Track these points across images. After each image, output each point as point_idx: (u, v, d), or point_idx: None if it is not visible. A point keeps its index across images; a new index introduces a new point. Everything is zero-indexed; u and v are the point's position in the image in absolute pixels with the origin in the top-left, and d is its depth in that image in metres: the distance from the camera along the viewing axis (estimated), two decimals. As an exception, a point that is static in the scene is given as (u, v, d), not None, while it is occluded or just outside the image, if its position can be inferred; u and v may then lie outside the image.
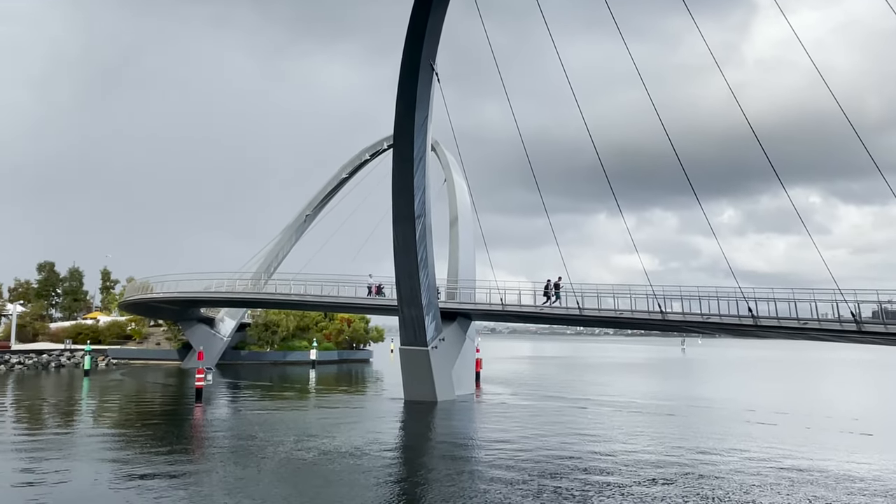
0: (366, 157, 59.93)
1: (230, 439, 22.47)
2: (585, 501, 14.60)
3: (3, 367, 51.99)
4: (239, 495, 14.72)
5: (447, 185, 46.76)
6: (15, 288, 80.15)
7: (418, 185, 31.44)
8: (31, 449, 20.54)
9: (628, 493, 15.47)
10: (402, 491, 15.73)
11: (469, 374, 40.92)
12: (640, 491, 15.66)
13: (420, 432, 26.26)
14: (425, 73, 30.21)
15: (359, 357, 73.26)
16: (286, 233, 60.57)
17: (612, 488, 15.89)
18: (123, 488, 15.41)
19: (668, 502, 14.66)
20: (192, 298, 52.47)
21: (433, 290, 34.69)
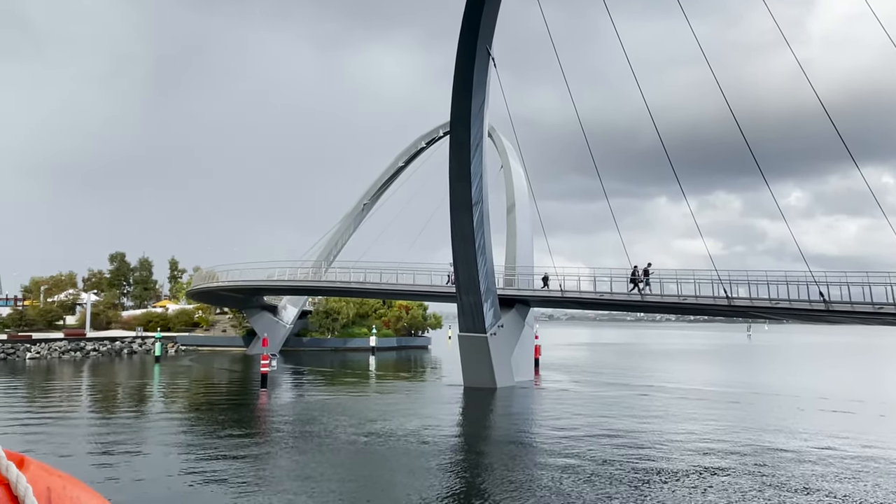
0: (422, 145, 60.02)
1: (294, 424, 22.97)
2: (640, 489, 14.36)
3: (80, 353, 54.46)
4: (303, 478, 15.03)
5: (504, 171, 46.41)
6: (89, 278, 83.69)
7: (475, 172, 31.32)
8: (107, 432, 21.45)
9: (687, 482, 15.13)
10: (460, 475, 15.79)
11: (528, 361, 40.73)
12: (699, 480, 15.29)
13: (479, 418, 26.31)
14: (481, 59, 29.98)
15: (417, 344, 73.84)
16: (345, 221, 61.33)
17: (669, 476, 15.57)
18: (193, 470, 15.93)
19: (729, 492, 14.27)
20: (255, 287, 53.78)
21: (491, 277, 34.59)
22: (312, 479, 15.03)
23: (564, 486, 14.51)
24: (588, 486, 14.51)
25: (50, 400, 29.35)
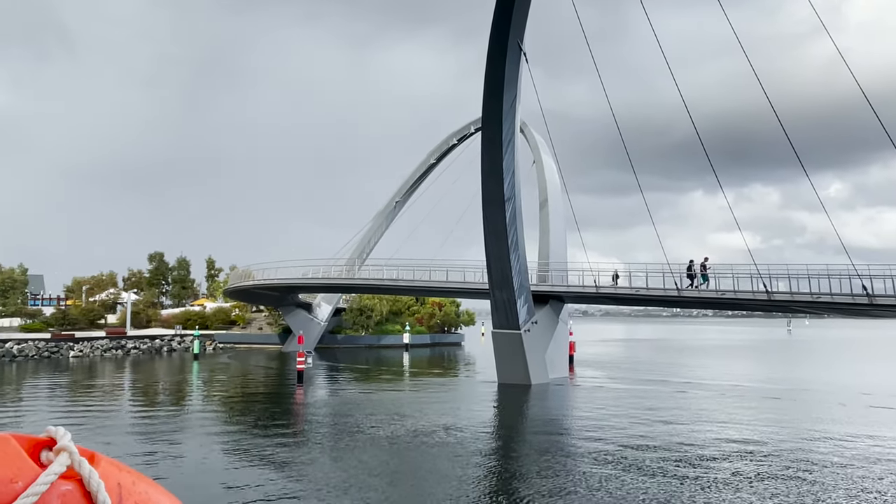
0: (453, 142, 59.99)
1: (330, 419, 23.18)
2: (680, 489, 14.16)
3: (121, 351, 55.69)
4: (339, 472, 15.16)
5: (536, 166, 46.19)
6: (129, 277, 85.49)
7: (507, 168, 31.20)
8: (149, 426, 21.90)
9: (728, 481, 14.88)
10: (495, 472, 15.77)
11: (563, 357, 40.50)
12: (740, 478, 15.04)
13: (514, 414, 26.24)
14: (513, 54, 29.84)
15: (450, 340, 73.92)
16: (377, 219, 61.64)
17: (710, 476, 15.33)
18: (231, 464, 16.18)
19: (771, 492, 14.01)
20: (290, 284, 54.38)
21: (524, 273, 34.45)
22: (348, 472, 15.15)
23: (601, 484, 14.40)
24: (626, 485, 14.37)
25: (93, 397, 30.06)
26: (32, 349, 50.51)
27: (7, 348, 49.04)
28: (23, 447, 1.12)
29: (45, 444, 1.15)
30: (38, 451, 1.13)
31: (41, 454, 1.13)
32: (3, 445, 1.10)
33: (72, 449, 1.13)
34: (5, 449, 1.09)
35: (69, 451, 1.12)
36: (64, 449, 1.13)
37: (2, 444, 1.10)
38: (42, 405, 27.37)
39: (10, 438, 1.11)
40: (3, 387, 33.81)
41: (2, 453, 1.08)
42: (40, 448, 1.14)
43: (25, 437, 1.14)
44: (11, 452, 1.09)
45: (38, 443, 1.15)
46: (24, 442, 1.13)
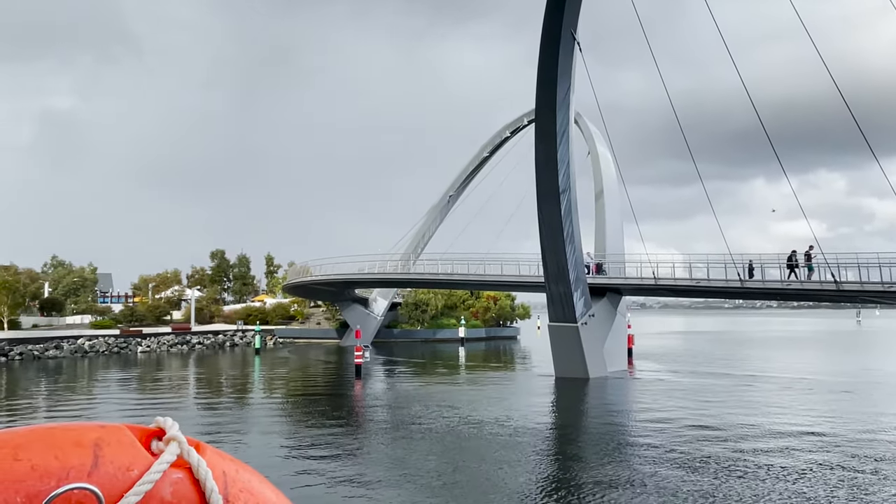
0: (506, 135, 59.67)
1: (388, 412, 23.43)
2: (748, 486, 13.77)
3: (186, 347, 57.50)
4: (397, 465, 15.31)
5: (591, 157, 45.56)
6: (192, 275, 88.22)
7: (562, 160, 30.87)
8: (215, 418, 22.55)
9: (798, 478, 14.41)
10: (554, 465, 15.66)
11: (621, 351, 39.92)
12: (811, 474, 14.53)
13: (572, 407, 26.01)
14: (566, 44, 29.46)
15: (506, 334, 73.76)
16: (431, 214, 61.88)
17: (780, 472, 14.86)
18: (294, 457, 16.52)
19: (846, 489, 13.50)
20: (346, 280, 55.15)
21: (581, 266, 34.08)
22: (406, 465, 15.29)
23: (663, 480, 14.14)
24: (690, 481, 14.08)
25: (162, 390, 31.14)
26: (103, 345, 52.61)
27: (79, 344, 51.21)
28: (135, 437, 1.17)
29: (154, 434, 1.20)
30: (149, 441, 1.18)
31: (152, 443, 1.18)
32: (118, 435, 1.15)
33: (181, 438, 1.18)
34: (121, 438, 1.15)
35: (178, 440, 1.17)
36: (173, 438, 1.18)
37: (117, 434, 1.15)
38: (114, 398, 28.50)
39: (124, 428, 1.16)
40: (77, 381, 35.35)
41: (117, 443, 1.13)
42: (151, 438, 1.19)
43: (137, 428, 1.19)
44: (126, 442, 1.15)
45: (148, 433, 1.20)
46: (137, 432, 1.19)
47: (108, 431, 1.15)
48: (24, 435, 1.10)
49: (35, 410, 25.31)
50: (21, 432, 1.11)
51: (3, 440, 1.08)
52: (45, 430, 1.12)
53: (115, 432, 1.15)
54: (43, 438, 1.10)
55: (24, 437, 1.09)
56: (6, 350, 46.26)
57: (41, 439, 1.09)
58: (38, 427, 1.13)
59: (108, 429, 1.16)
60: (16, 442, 1.08)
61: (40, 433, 1.11)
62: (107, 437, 1.13)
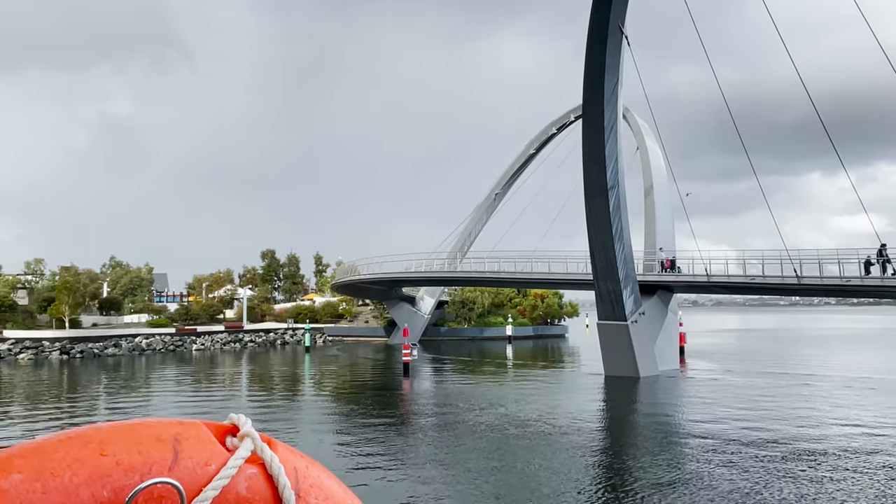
0: (553, 131, 59.18)
1: (436, 410, 23.50)
2: (810, 490, 13.36)
3: (238, 344, 58.78)
4: (444, 462, 15.34)
5: (640, 152, 44.83)
6: (244, 274, 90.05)
7: (610, 156, 30.46)
8: (267, 414, 22.98)
9: (862, 481, 13.91)
10: (603, 466, 15.46)
11: (673, 349, 39.20)
12: (874, 479, 14.01)
13: (622, 406, 25.65)
14: (614, 38, 29.05)
15: (554, 332, 73.22)
16: (477, 212, 61.81)
17: (843, 476, 14.38)
18: (344, 451, 16.71)
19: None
20: (393, 278, 55.53)
21: (630, 263, 33.59)
22: (454, 463, 15.31)
23: (716, 480, 13.83)
24: (745, 485, 13.74)
25: (216, 387, 31.89)
26: (159, 343, 54.17)
27: (137, 342, 52.83)
28: (212, 433, 1.20)
29: (229, 431, 1.24)
30: (224, 437, 1.22)
31: (227, 439, 1.22)
32: (196, 431, 1.19)
33: (254, 435, 1.20)
34: (198, 434, 1.18)
35: (252, 437, 1.20)
36: (247, 435, 1.21)
37: (195, 430, 1.19)
38: (170, 394, 29.32)
39: (201, 425, 1.20)
40: (136, 378, 36.48)
41: (195, 438, 1.17)
42: (225, 434, 1.23)
43: (213, 424, 1.23)
44: (204, 437, 1.18)
45: (223, 429, 1.24)
46: (212, 428, 1.22)
47: (187, 427, 1.19)
48: (108, 430, 1.14)
49: (95, 408, 26.22)
50: (105, 428, 1.15)
51: (89, 436, 1.12)
52: (127, 426, 1.16)
53: (193, 428, 1.19)
54: (126, 434, 1.14)
55: (108, 433, 1.13)
56: (68, 348, 48.04)
57: (124, 435, 1.13)
58: (121, 423, 1.18)
59: (187, 425, 1.20)
60: (101, 437, 1.12)
61: (123, 429, 1.15)
62: (185, 432, 1.17)
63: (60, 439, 1.11)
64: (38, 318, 55.27)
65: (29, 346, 47.21)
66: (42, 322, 54.51)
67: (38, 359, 46.01)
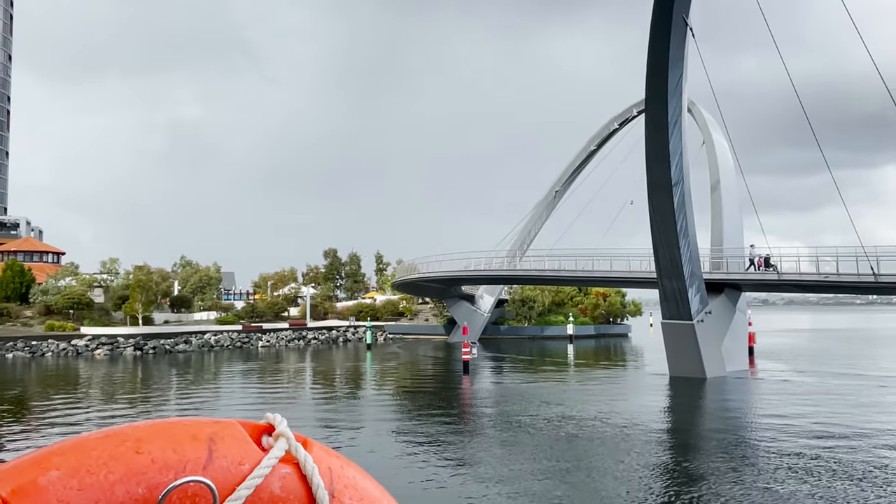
0: (614, 127, 58.13)
1: (497, 408, 23.42)
2: (883, 499, 12.69)
3: (302, 342, 60.04)
4: (506, 462, 15.24)
5: (706, 147, 43.60)
6: (307, 273, 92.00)
7: (674, 151, 29.71)
8: (330, 411, 23.38)
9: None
10: (669, 469, 15.07)
11: (741, 349, 38.00)
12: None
13: (688, 408, 25.00)
14: (678, 31, 28.29)
15: (616, 331, 72.06)
16: (537, 209, 61.33)
17: (933, 482, 13.61)
18: (404, 449, 16.81)
19: None
20: (452, 277, 55.68)
21: (696, 261, 32.71)
22: (515, 462, 15.19)
23: (791, 490, 13.29)
24: (820, 493, 13.16)
25: (282, 383, 32.64)
26: (227, 340, 55.84)
27: (206, 339, 54.59)
28: (247, 432, 1.20)
29: (265, 430, 1.24)
30: (260, 436, 1.22)
31: (262, 439, 1.22)
32: (231, 430, 1.19)
33: (289, 435, 1.20)
34: (233, 433, 1.19)
35: (286, 436, 1.20)
36: (282, 435, 1.20)
37: (230, 429, 1.19)
38: (238, 389, 30.16)
39: (236, 424, 1.20)
40: (205, 373, 37.69)
41: (230, 437, 1.18)
42: (261, 433, 1.23)
43: (248, 423, 1.23)
44: (239, 437, 1.19)
45: (259, 428, 1.24)
46: (248, 427, 1.23)
47: (222, 427, 1.20)
48: (144, 429, 1.16)
49: (167, 400, 27.21)
50: (142, 426, 1.17)
51: (126, 434, 1.14)
52: (164, 425, 1.18)
53: (229, 427, 1.20)
54: (162, 433, 1.15)
55: (144, 431, 1.15)
56: (141, 344, 50.03)
57: (161, 433, 1.15)
58: (158, 421, 1.20)
59: (222, 424, 1.21)
60: (137, 436, 1.14)
61: (160, 427, 1.17)
62: (220, 432, 1.18)
63: (98, 437, 1.14)
64: (113, 315, 57.75)
65: (105, 343, 49.39)
66: (117, 319, 56.93)
67: (113, 354, 48.07)
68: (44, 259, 73.27)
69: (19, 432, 20.32)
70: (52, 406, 24.86)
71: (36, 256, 73.06)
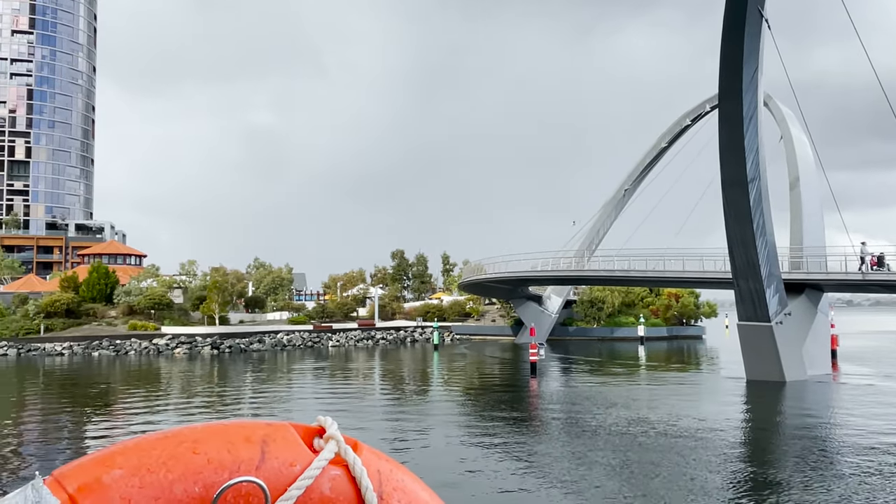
0: (687, 123, 56.64)
1: (565, 410, 23.13)
2: None
3: (371, 342, 60.93)
4: (575, 464, 15.02)
5: (784, 142, 41.93)
6: (375, 274, 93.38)
7: (750, 146, 28.69)
8: (398, 411, 23.62)
9: None
10: (746, 478, 14.50)
11: (823, 352, 36.35)
12: None
13: (766, 414, 24.05)
14: (753, 22, 27.31)
15: (690, 333, 70.13)
16: (605, 209, 60.39)
17: None
18: (472, 450, 16.81)
19: None
20: (519, 277, 55.42)
21: (774, 260, 31.50)
22: (583, 464, 14.96)
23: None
24: (912, 500, 12.43)
25: (351, 383, 33.22)
26: (298, 339, 57.23)
27: (278, 339, 56.12)
28: (298, 434, 1.23)
29: (316, 433, 1.27)
30: (311, 438, 1.24)
31: (313, 441, 1.24)
32: (283, 433, 1.23)
33: (339, 437, 1.22)
34: (285, 436, 1.22)
35: (336, 439, 1.22)
36: (332, 437, 1.23)
37: (283, 432, 1.23)
38: (309, 388, 30.85)
39: (288, 426, 1.24)
40: (278, 372, 38.73)
41: (282, 440, 1.21)
42: (312, 435, 1.26)
43: (300, 426, 1.27)
44: (290, 439, 1.22)
45: (311, 431, 1.27)
46: (300, 430, 1.26)
47: (275, 429, 1.24)
48: (201, 430, 1.21)
49: (242, 397, 28.11)
50: (198, 428, 1.22)
51: (184, 435, 1.20)
52: (220, 427, 1.23)
53: (281, 430, 1.24)
54: (218, 434, 1.20)
55: (201, 433, 1.20)
56: (218, 343, 51.83)
57: (216, 435, 1.20)
58: (214, 424, 1.24)
59: (275, 426, 1.25)
60: (194, 437, 1.19)
61: (216, 429, 1.22)
62: (273, 434, 1.22)
63: (158, 437, 1.19)
64: (191, 315, 60.08)
65: (184, 342, 51.42)
66: (195, 319, 59.19)
67: (191, 353, 49.98)
68: (127, 261, 76.88)
69: (108, 425, 21.39)
70: (135, 401, 26.07)
71: (119, 259, 76.74)
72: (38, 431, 20.87)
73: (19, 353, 48.55)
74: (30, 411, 24.80)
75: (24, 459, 16.76)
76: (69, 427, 21.65)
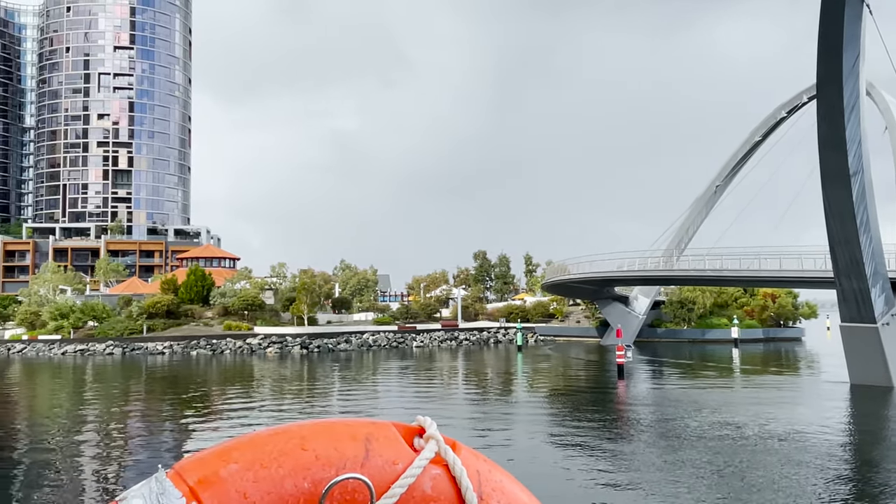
0: (782, 115, 53.97)
1: (655, 415, 22.55)
2: None
3: (454, 342, 61.26)
4: (667, 471, 14.61)
5: (889, 133, 39.41)
6: (458, 275, 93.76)
7: (851, 138, 27.10)
8: (483, 412, 23.66)
9: None
10: (850, 489, 13.70)
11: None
12: None
13: (872, 420, 22.65)
14: (853, 6, 25.80)
15: (788, 335, 66.84)
16: (696, 206, 58.39)
17: None
18: (559, 453, 16.65)
19: None
20: (604, 278, 54.36)
21: (879, 258, 29.65)
22: (674, 470, 14.52)
23: None
24: None
25: (437, 381, 33.55)
26: (384, 339, 58.23)
27: (364, 339, 57.30)
28: (399, 433, 1.28)
29: (416, 432, 1.31)
30: (411, 438, 1.28)
31: (413, 440, 1.28)
32: (385, 432, 1.27)
33: (439, 437, 1.25)
34: (388, 435, 1.27)
35: (437, 439, 1.25)
36: (432, 437, 1.26)
37: (385, 431, 1.27)
38: (395, 387, 31.37)
39: (390, 426, 1.28)
40: (365, 371, 39.55)
41: (385, 438, 1.25)
42: (413, 435, 1.30)
43: (401, 425, 1.31)
44: (392, 438, 1.26)
45: (411, 430, 1.31)
46: (400, 429, 1.30)
47: (378, 428, 1.28)
48: (309, 428, 1.27)
49: (331, 395, 28.88)
50: (306, 425, 1.28)
51: (293, 432, 1.26)
52: (326, 425, 1.29)
53: (383, 429, 1.28)
54: (325, 431, 1.26)
55: (309, 430, 1.26)
56: (307, 343, 53.45)
57: (323, 432, 1.25)
58: (320, 421, 1.30)
59: (378, 425, 1.29)
60: (303, 434, 1.24)
61: (322, 427, 1.27)
62: (376, 432, 1.26)
63: (269, 434, 1.26)
64: (282, 315, 62.20)
65: (275, 342, 53.29)
66: (285, 319, 61.25)
67: (282, 352, 51.73)
68: (222, 264, 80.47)
69: (217, 421, 22.47)
70: (233, 399, 27.25)
71: (215, 262, 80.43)
72: (153, 426, 22.16)
73: (124, 352, 51.67)
74: (143, 406, 26.36)
75: (141, 452, 17.85)
76: (180, 422, 22.88)
